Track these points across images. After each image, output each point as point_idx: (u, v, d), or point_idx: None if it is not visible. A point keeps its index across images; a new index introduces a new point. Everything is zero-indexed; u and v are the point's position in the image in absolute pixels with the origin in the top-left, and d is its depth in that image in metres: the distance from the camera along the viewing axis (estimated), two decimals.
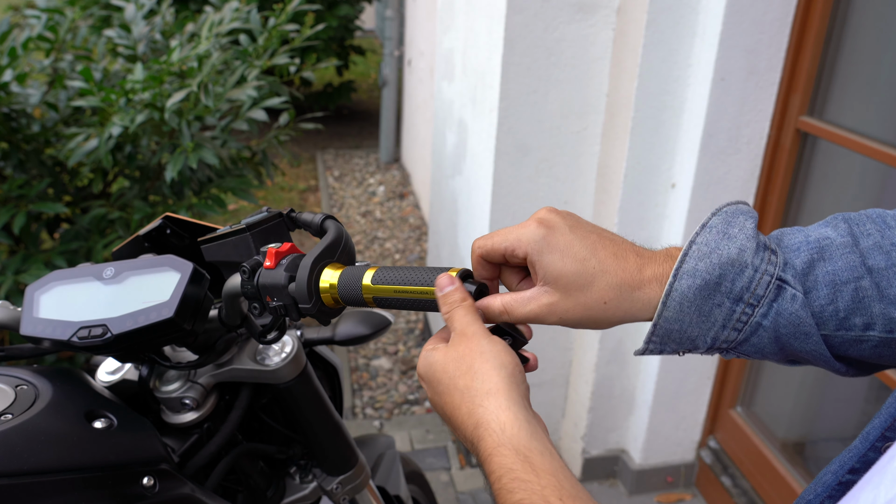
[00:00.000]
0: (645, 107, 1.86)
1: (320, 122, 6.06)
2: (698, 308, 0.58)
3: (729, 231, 0.59)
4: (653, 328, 0.60)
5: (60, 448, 0.69)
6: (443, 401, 0.60)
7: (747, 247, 0.58)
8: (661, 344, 0.61)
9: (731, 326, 0.59)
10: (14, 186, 1.95)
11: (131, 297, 0.75)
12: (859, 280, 0.57)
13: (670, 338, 0.60)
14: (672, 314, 0.59)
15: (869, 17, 1.72)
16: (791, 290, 0.57)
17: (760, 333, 0.58)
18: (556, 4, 1.89)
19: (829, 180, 1.89)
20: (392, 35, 5.28)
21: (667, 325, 0.59)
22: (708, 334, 0.59)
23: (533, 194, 2.11)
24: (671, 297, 0.58)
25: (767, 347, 0.59)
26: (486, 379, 0.57)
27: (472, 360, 0.59)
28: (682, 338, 0.60)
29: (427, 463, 2.52)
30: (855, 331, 0.57)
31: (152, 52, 2.31)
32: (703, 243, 0.59)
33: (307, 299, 0.68)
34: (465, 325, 0.61)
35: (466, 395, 0.57)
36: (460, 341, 0.60)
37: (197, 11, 4.78)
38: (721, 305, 0.58)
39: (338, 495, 1.05)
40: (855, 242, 0.58)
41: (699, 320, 0.59)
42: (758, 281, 0.57)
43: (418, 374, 0.63)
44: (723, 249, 0.58)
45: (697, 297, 0.58)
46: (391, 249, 4.22)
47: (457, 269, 0.64)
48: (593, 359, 2.21)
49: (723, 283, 0.57)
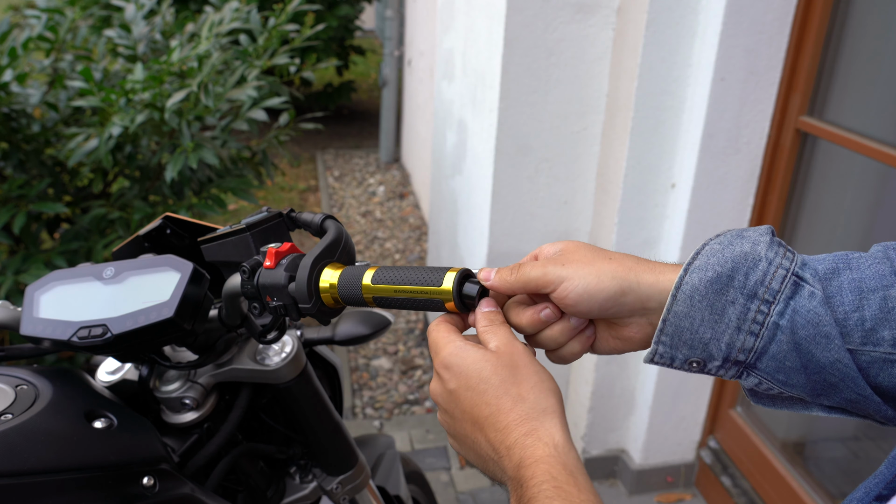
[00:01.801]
0: (645, 107, 1.86)
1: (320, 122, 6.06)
2: (710, 304, 0.56)
3: (743, 234, 0.58)
4: (662, 324, 0.58)
5: (60, 448, 0.69)
6: (482, 399, 0.58)
7: (760, 241, 0.57)
8: (672, 346, 0.59)
9: (746, 329, 0.56)
10: (14, 186, 1.95)
11: (131, 297, 0.75)
12: (888, 289, 0.53)
13: (681, 338, 0.58)
14: (682, 308, 0.57)
15: (869, 17, 1.72)
16: (809, 287, 0.55)
17: (779, 338, 0.55)
18: (556, 4, 1.89)
19: (829, 180, 1.89)
20: (392, 35, 5.28)
21: (676, 322, 0.57)
22: (722, 338, 0.56)
23: (533, 194, 2.11)
24: (681, 291, 0.57)
25: (789, 360, 0.55)
26: (543, 398, 0.58)
27: (527, 376, 0.59)
28: (694, 340, 0.57)
29: (427, 463, 2.52)
30: (884, 346, 0.53)
31: (152, 52, 2.31)
32: (717, 242, 0.58)
33: (307, 299, 0.68)
34: (511, 342, 0.61)
35: (521, 404, 0.57)
36: (509, 355, 0.60)
37: (197, 11, 4.78)
38: (735, 302, 0.56)
39: (338, 495, 1.05)
40: (888, 258, 0.55)
41: (711, 319, 0.56)
42: (772, 274, 0.55)
43: (443, 359, 0.61)
44: (736, 245, 0.57)
45: (709, 291, 0.56)
46: (391, 249, 4.22)
47: (457, 269, 0.64)
48: (593, 359, 2.21)
49: (735, 277, 0.55)
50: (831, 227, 1.89)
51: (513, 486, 0.55)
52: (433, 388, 0.63)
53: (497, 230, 2.15)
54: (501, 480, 0.59)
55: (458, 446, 0.63)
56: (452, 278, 0.63)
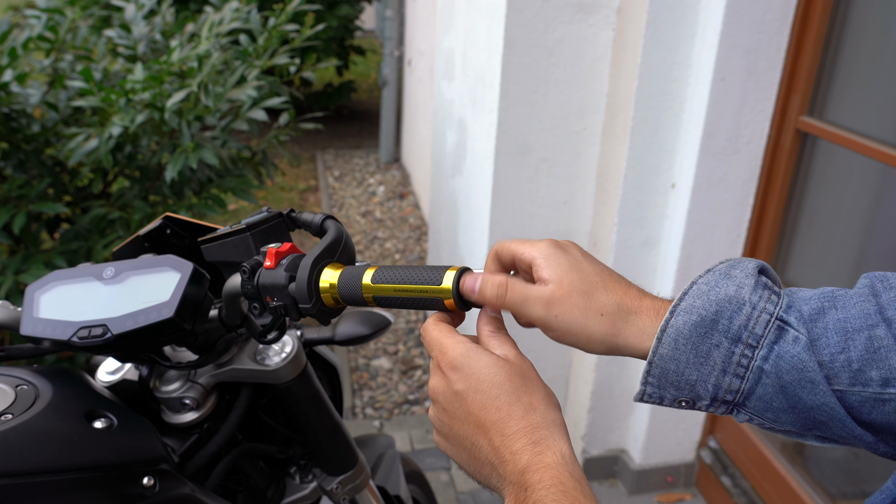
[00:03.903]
0: (645, 107, 1.86)
1: (320, 122, 6.06)
2: (695, 347, 0.56)
3: (731, 272, 0.58)
4: (648, 366, 0.59)
5: (60, 448, 0.69)
6: (493, 404, 0.59)
7: (745, 284, 0.57)
8: (660, 387, 0.60)
9: (731, 371, 0.56)
10: (14, 186, 1.95)
11: (131, 297, 0.75)
12: (873, 328, 0.53)
13: (668, 380, 0.59)
14: (667, 351, 0.57)
15: (869, 17, 1.72)
16: (793, 331, 0.55)
17: (764, 381, 0.56)
18: (556, 4, 1.89)
19: (829, 180, 1.89)
20: (392, 35, 5.28)
21: (662, 364, 0.58)
22: (708, 380, 0.57)
23: (533, 194, 2.11)
24: (666, 333, 0.57)
25: (776, 401, 0.56)
26: (551, 411, 0.59)
27: (538, 388, 0.60)
28: (681, 382, 0.58)
29: (427, 463, 2.52)
30: (873, 386, 0.53)
31: (152, 52, 2.31)
32: (704, 282, 0.58)
33: (307, 299, 0.68)
34: (519, 353, 0.63)
35: (532, 413, 0.58)
36: (520, 366, 0.61)
37: (197, 11, 4.78)
38: (719, 346, 0.56)
39: (338, 495, 1.05)
40: (874, 293, 0.55)
41: (696, 361, 0.57)
42: (756, 319, 0.55)
43: (452, 360, 0.61)
44: (721, 287, 0.57)
45: (693, 335, 0.56)
46: (391, 249, 4.22)
47: (456, 268, 0.64)
48: (593, 359, 2.21)
49: (720, 321, 0.56)
50: (831, 227, 1.89)
51: (514, 491, 0.55)
52: (434, 385, 0.63)
53: (497, 230, 2.15)
54: (494, 486, 0.59)
55: (447, 446, 0.63)
56: (452, 277, 0.63)
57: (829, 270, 1.90)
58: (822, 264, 1.92)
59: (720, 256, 2.01)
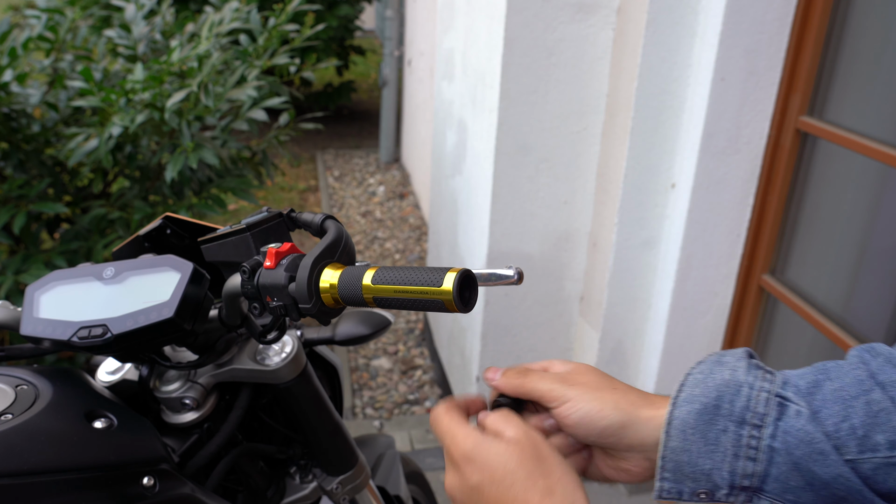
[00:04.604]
0: (645, 107, 1.86)
1: (320, 122, 6.07)
2: (702, 434, 0.58)
3: (721, 360, 0.60)
4: (661, 461, 0.60)
5: (60, 448, 0.69)
6: (510, 493, 0.57)
7: (738, 366, 0.58)
8: (676, 481, 0.60)
9: (743, 455, 0.57)
10: (14, 186, 1.95)
11: (131, 297, 0.75)
12: (869, 393, 0.54)
13: (683, 472, 0.59)
14: (676, 444, 0.58)
15: (869, 17, 1.72)
16: (794, 406, 0.56)
17: (777, 461, 0.56)
18: (556, 4, 1.89)
19: (829, 180, 1.89)
20: (392, 35, 5.28)
21: (674, 457, 0.59)
22: (723, 467, 0.58)
23: (533, 194, 2.11)
24: (672, 426, 0.58)
25: (793, 480, 0.56)
26: (570, 490, 0.58)
27: (553, 467, 0.59)
28: (696, 472, 0.58)
29: (427, 463, 2.52)
30: (882, 451, 0.53)
31: (152, 52, 2.31)
32: (698, 372, 0.60)
33: (307, 299, 0.68)
34: (529, 431, 0.61)
35: (549, 498, 0.57)
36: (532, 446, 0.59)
37: (197, 11, 4.78)
38: (726, 431, 0.57)
39: (338, 495, 1.05)
40: (863, 361, 0.56)
41: (707, 449, 0.58)
42: (755, 398, 0.57)
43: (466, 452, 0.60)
44: (716, 374, 0.58)
45: (699, 423, 0.58)
46: (391, 249, 4.22)
47: (457, 269, 0.64)
48: (593, 359, 2.21)
49: (722, 406, 0.57)
50: (831, 227, 1.89)
51: None
52: (451, 483, 0.61)
53: (497, 230, 2.15)
54: None
55: None
56: (452, 279, 0.63)
57: (829, 270, 1.90)
58: (822, 264, 1.92)
59: (720, 256, 2.01)
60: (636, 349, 2.21)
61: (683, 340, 2.10)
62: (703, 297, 2.05)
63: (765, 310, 2.07)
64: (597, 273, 2.16)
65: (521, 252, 2.19)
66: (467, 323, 2.46)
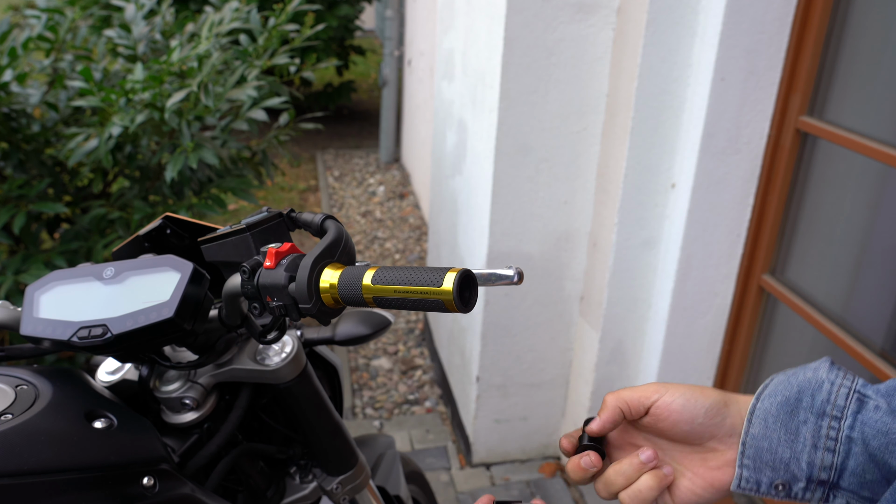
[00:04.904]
0: (645, 107, 1.86)
1: (320, 122, 6.06)
2: (784, 424, 0.61)
3: (805, 366, 0.64)
4: (742, 447, 0.62)
5: (60, 448, 0.69)
6: None
7: (821, 367, 0.62)
8: (755, 469, 0.62)
9: (822, 446, 0.59)
10: (14, 186, 1.95)
11: (131, 297, 0.75)
12: None
13: (762, 460, 0.62)
14: (758, 430, 0.61)
15: (869, 17, 1.72)
16: (873, 401, 0.59)
17: (854, 451, 0.58)
18: (556, 4, 1.89)
19: (829, 180, 1.89)
20: (392, 35, 5.28)
21: (755, 443, 0.62)
22: (801, 457, 0.60)
23: (533, 194, 2.11)
24: (755, 414, 0.62)
25: (869, 473, 0.58)
26: None
27: None
28: (776, 461, 0.61)
29: (427, 463, 2.52)
30: None
31: (152, 52, 2.31)
32: (782, 374, 0.63)
33: (307, 299, 0.68)
34: None
35: None
36: None
37: (197, 11, 4.78)
38: (807, 422, 0.60)
39: (338, 495, 1.05)
40: None
41: (787, 439, 0.60)
42: (836, 393, 0.60)
43: None
44: (799, 374, 0.62)
45: (781, 413, 0.61)
46: (391, 249, 4.22)
47: (457, 269, 0.64)
48: (593, 359, 2.21)
49: (803, 399, 0.60)
50: (831, 227, 1.89)
51: None
52: None
53: (497, 230, 2.15)
54: None
55: None
56: (452, 279, 0.63)
57: (829, 270, 1.90)
58: (822, 264, 1.92)
59: (720, 256, 2.01)
60: (636, 349, 2.21)
61: (683, 340, 2.10)
62: (703, 297, 2.05)
63: (765, 310, 2.07)
64: (597, 273, 2.16)
65: (521, 252, 2.19)
66: (467, 323, 2.46)
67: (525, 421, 2.48)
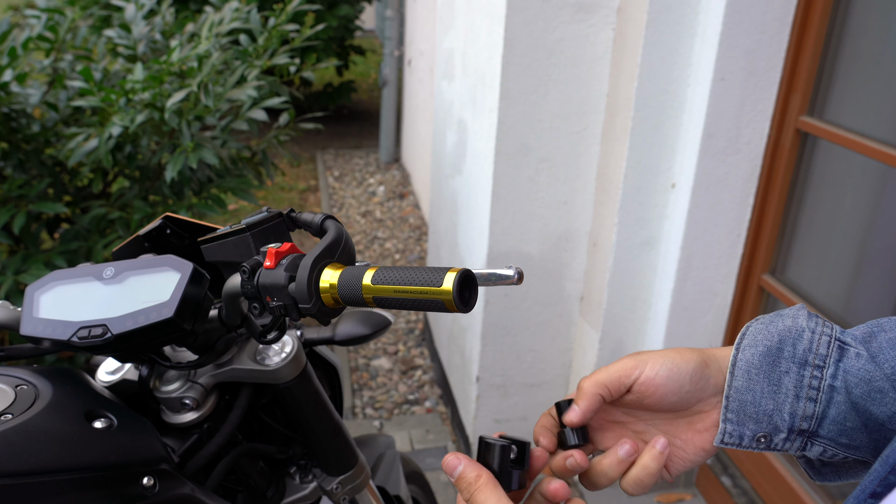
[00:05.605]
0: (645, 107, 1.86)
1: (320, 122, 6.07)
2: (766, 375, 0.60)
3: (780, 313, 0.63)
4: (725, 400, 0.61)
5: (60, 448, 0.69)
6: None
7: (799, 315, 0.61)
8: (739, 424, 0.61)
9: (804, 395, 0.59)
10: (14, 186, 1.95)
11: (131, 297, 0.75)
12: None
13: (746, 413, 0.61)
14: (741, 383, 0.60)
15: (869, 17, 1.72)
16: (854, 349, 0.58)
17: (836, 400, 0.58)
18: (556, 4, 1.89)
19: (829, 180, 1.89)
20: (392, 35, 5.28)
21: (739, 396, 0.61)
22: (783, 408, 0.60)
23: (533, 194, 2.11)
24: (737, 367, 0.60)
25: (849, 420, 0.58)
26: None
27: None
28: (759, 413, 0.60)
29: (427, 463, 2.52)
30: None
31: (152, 52, 2.31)
32: (759, 322, 0.62)
33: (307, 299, 0.68)
34: None
35: None
36: None
37: (197, 11, 4.78)
38: (789, 372, 0.59)
39: (338, 495, 1.05)
40: None
41: (770, 390, 0.60)
42: (817, 342, 0.59)
43: None
44: (777, 323, 0.61)
45: (763, 364, 0.60)
46: (391, 249, 4.22)
47: (457, 269, 0.64)
48: (593, 359, 2.21)
49: (784, 349, 0.59)
50: (831, 227, 1.89)
51: None
52: None
53: (497, 230, 2.15)
54: None
55: None
56: (452, 279, 0.63)
57: (829, 270, 1.90)
58: (822, 264, 1.92)
59: (720, 256, 2.01)
60: (636, 349, 2.20)
61: (683, 340, 2.10)
62: (703, 297, 2.05)
63: (765, 310, 2.07)
64: (597, 273, 2.16)
65: (521, 252, 2.19)
66: (467, 323, 2.46)
67: (525, 421, 2.48)
